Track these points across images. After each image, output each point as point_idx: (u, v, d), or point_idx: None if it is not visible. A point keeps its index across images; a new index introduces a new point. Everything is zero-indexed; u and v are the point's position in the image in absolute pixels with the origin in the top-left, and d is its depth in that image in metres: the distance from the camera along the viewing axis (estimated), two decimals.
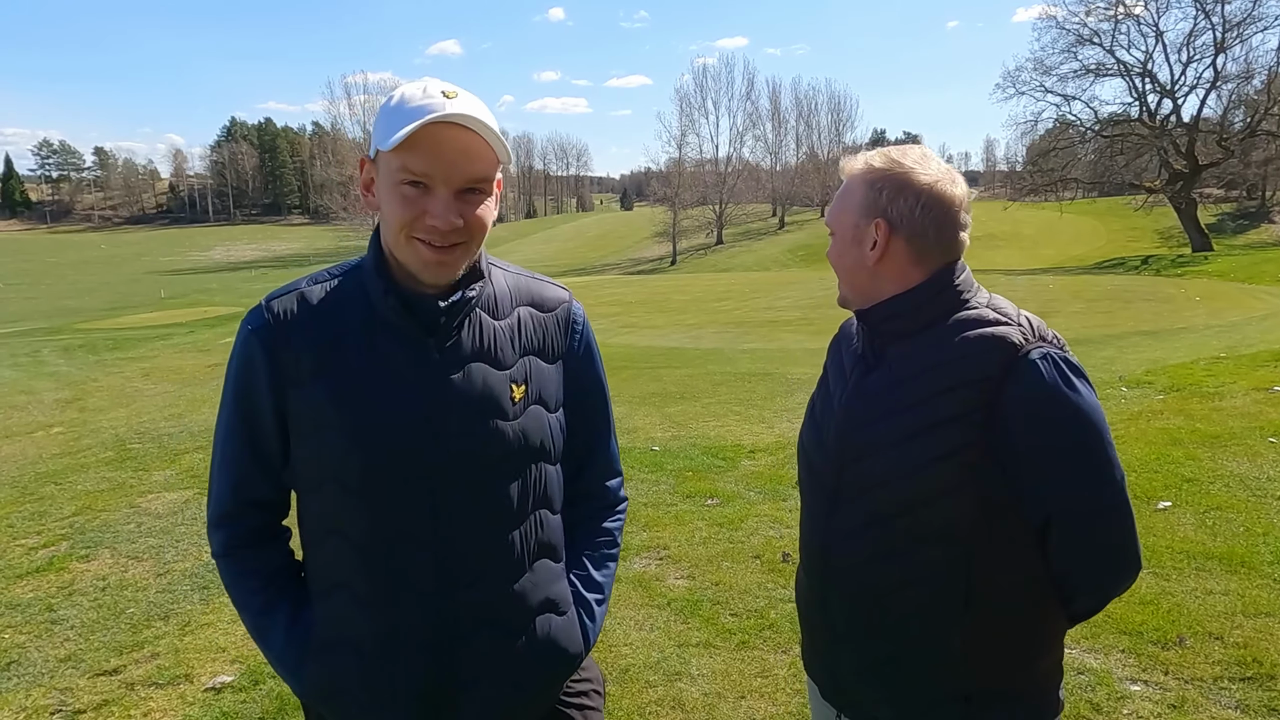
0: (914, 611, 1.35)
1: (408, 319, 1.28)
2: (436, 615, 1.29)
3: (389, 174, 1.23)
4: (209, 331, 20.47)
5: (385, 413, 1.26)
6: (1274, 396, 7.03)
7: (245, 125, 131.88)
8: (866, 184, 1.37)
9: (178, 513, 5.38)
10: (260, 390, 1.29)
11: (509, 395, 1.32)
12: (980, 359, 1.27)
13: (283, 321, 1.29)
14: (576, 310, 1.46)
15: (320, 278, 1.35)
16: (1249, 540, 4.15)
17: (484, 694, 1.32)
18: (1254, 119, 35.87)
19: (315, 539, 1.33)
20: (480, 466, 1.29)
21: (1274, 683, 2.93)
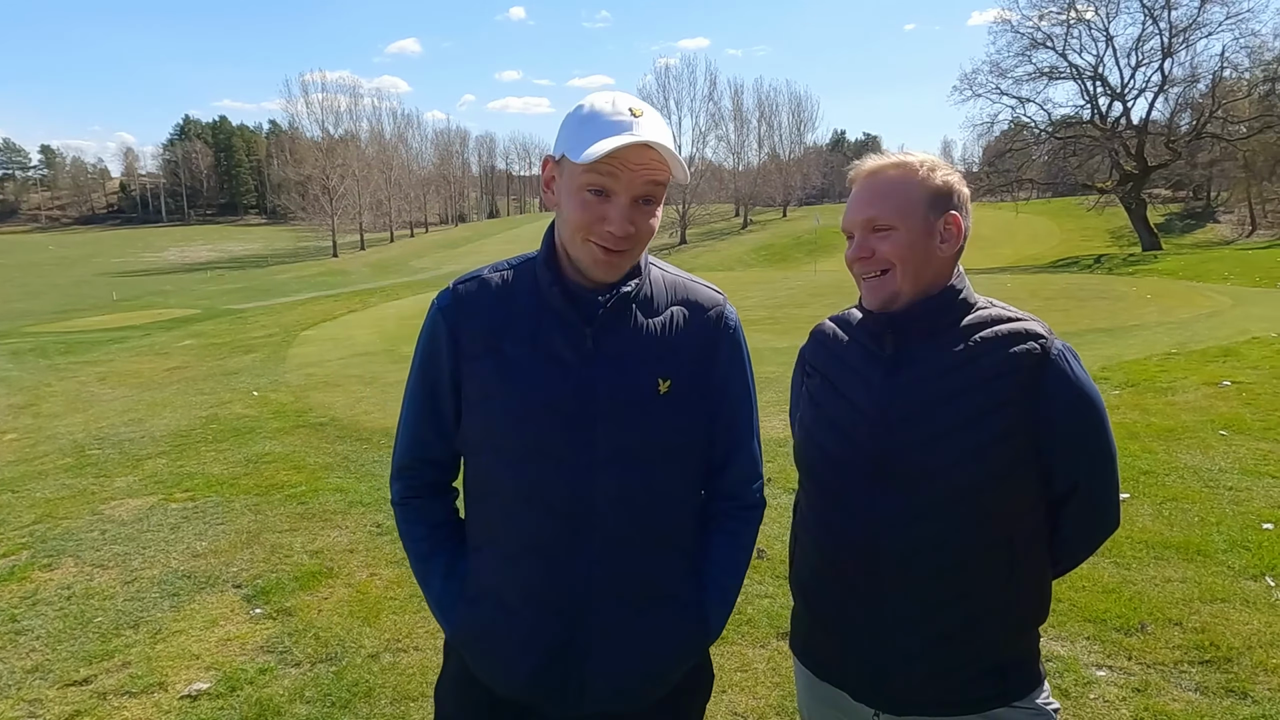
0: (967, 591, 1.43)
1: (570, 309, 1.40)
2: (570, 581, 1.40)
3: (574, 179, 1.34)
4: (165, 334, 20.03)
5: (541, 392, 1.38)
6: (1223, 391, 7.28)
7: (199, 124, 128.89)
8: (928, 181, 1.44)
9: (143, 519, 5.28)
10: (441, 361, 1.45)
11: (655, 387, 1.40)
12: (1017, 350, 1.40)
13: (464, 301, 1.44)
14: (729, 313, 1.52)
15: (500, 266, 1.49)
16: (1204, 530, 4.31)
17: (609, 663, 1.42)
18: (1199, 122, 36.92)
19: (474, 498, 1.47)
20: (620, 451, 1.38)
21: (1231, 665, 3.06)
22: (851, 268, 1.50)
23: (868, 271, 1.46)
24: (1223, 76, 35.80)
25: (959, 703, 1.45)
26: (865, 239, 1.45)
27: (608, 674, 1.41)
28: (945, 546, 1.42)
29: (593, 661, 1.41)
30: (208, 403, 9.35)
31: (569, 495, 1.37)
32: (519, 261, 1.49)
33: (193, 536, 4.93)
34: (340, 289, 35.39)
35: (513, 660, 1.42)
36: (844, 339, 1.58)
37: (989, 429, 1.39)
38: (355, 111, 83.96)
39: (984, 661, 1.45)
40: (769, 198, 75.08)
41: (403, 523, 1.54)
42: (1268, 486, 4.90)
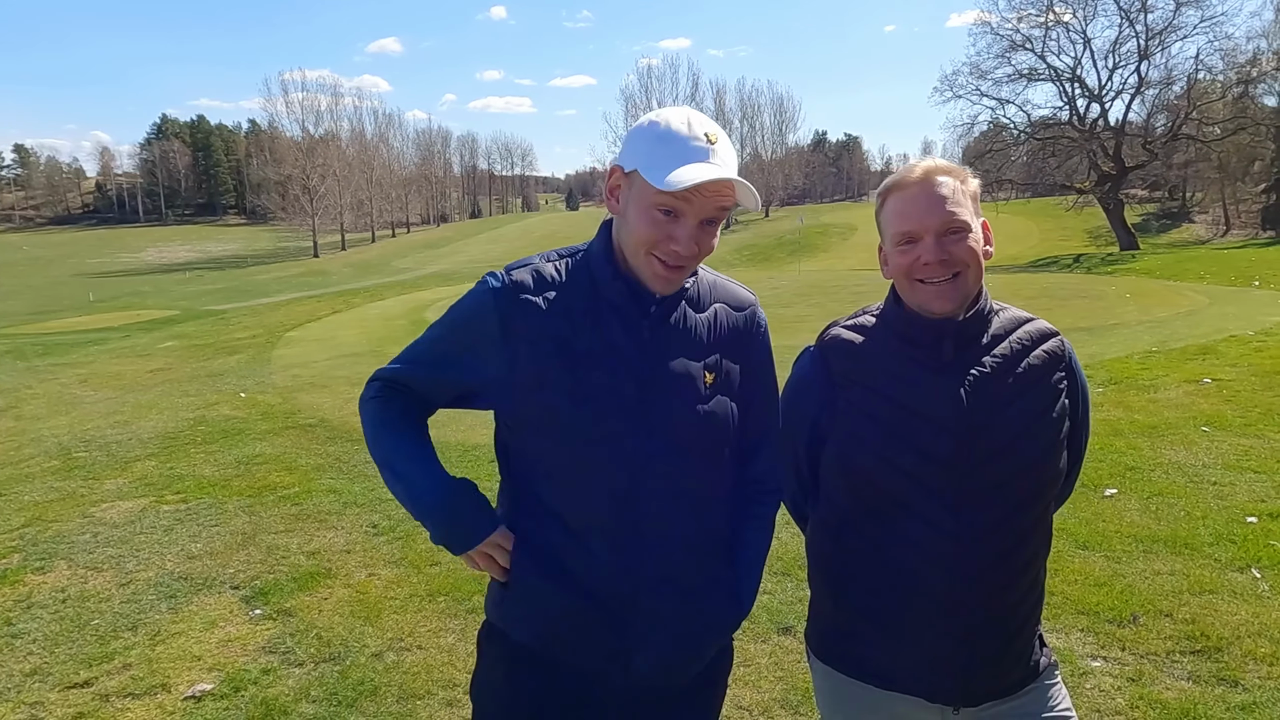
0: (1036, 578, 1.53)
1: (630, 302, 1.46)
2: (624, 559, 1.45)
3: (645, 197, 1.39)
4: (146, 335, 19.81)
5: (603, 379, 1.43)
6: (1204, 389, 7.42)
7: (177, 123, 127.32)
8: (970, 186, 1.49)
9: (135, 522, 5.24)
10: (483, 341, 1.46)
11: (702, 380, 1.48)
12: (1049, 346, 1.52)
13: (519, 288, 1.46)
14: (760, 314, 1.62)
15: (551, 257, 1.53)
16: (1190, 524, 4.40)
17: (657, 639, 1.48)
18: (1175, 123, 37.46)
19: (532, 477, 1.50)
20: (673, 436, 1.45)
21: (1221, 655, 3.13)
22: (910, 273, 1.46)
23: (940, 275, 1.44)
24: (1197, 79, 36.35)
25: (1022, 679, 1.54)
26: (940, 243, 1.44)
27: (656, 650, 1.48)
28: (1025, 542, 1.49)
29: (643, 636, 1.47)
30: (194, 404, 9.28)
31: (625, 479, 1.43)
32: (569, 253, 1.53)
33: (187, 539, 4.91)
34: (322, 289, 35.13)
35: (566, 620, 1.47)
36: (874, 346, 1.55)
37: (1054, 422, 1.49)
38: (336, 111, 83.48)
39: (1037, 634, 1.57)
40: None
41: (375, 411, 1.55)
42: (1250, 481, 5.01)
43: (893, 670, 1.54)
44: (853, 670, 1.59)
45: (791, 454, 1.69)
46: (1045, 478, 1.50)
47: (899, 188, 1.49)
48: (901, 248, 1.47)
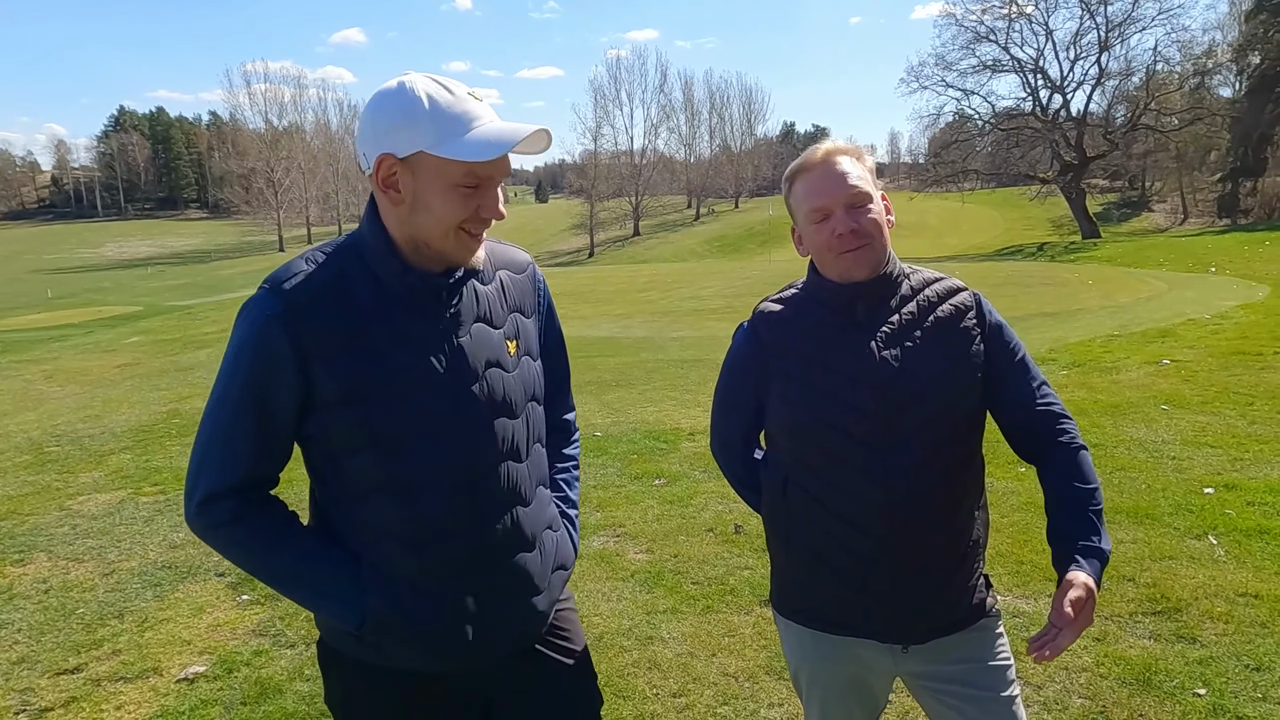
0: (970, 514, 1.63)
1: (424, 294, 1.39)
2: (471, 548, 1.44)
3: (443, 175, 1.31)
4: (109, 332, 19.47)
5: (414, 377, 1.37)
6: (1163, 370, 7.67)
7: (135, 115, 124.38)
8: (867, 161, 1.61)
9: (114, 513, 5.22)
10: (282, 374, 1.32)
11: (506, 350, 1.48)
12: (958, 299, 1.64)
13: (300, 302, 1.32)
14: (538, 271, 1.64)
15: (315, 257, 1.39)
16: (1150, 496, 4.58)
17: (514, 609, 1.50)
18: (1134, 114, 38.31)
19: (355, 496, 1.40)
20: (493, 414, 1.44)
21: (1180, 615, 3.30)
22: (829, 247, 1.57)
23: (852, 245, 1.56)
24: (1155, 70, 37.21)
25: (968, 616, 1.64)
26: (850, 213, 1.56)
27: (512, 618, 1.49)
28: (955, 479, 1.60)
29: (499, 613, 1.47)
30: (166, 398, 9.18)
31: (460, 471, 1.40)
32: (332, 249, 1.41)
33: (168, 529, 4.90)
34: None
35: (429, 637, 1.42)
36: (799, 315, 1.67)
37: (968, 367, 1.60)
38: (300, 102, 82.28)
39: (979, 576, 1.67)
40: (721, 189, 75.62)
41: (241, 536, 1.39)
42: (1207, 455, 5.22)
43: (842, 616, 1.66)
44: (809, 621, 1.72)
45: (736, 424, 1.80)
46: (962, 419, 1.60)
47: (805, 169, 1.62)
48: (816, 225, 1.59)
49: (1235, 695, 2.77)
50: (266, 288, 1.34)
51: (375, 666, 1.45)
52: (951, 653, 1.65)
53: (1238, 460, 5.09)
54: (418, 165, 1.31)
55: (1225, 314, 10.90)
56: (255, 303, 1.34)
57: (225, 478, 1.36)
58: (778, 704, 2.89)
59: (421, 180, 1.32)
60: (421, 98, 1.29)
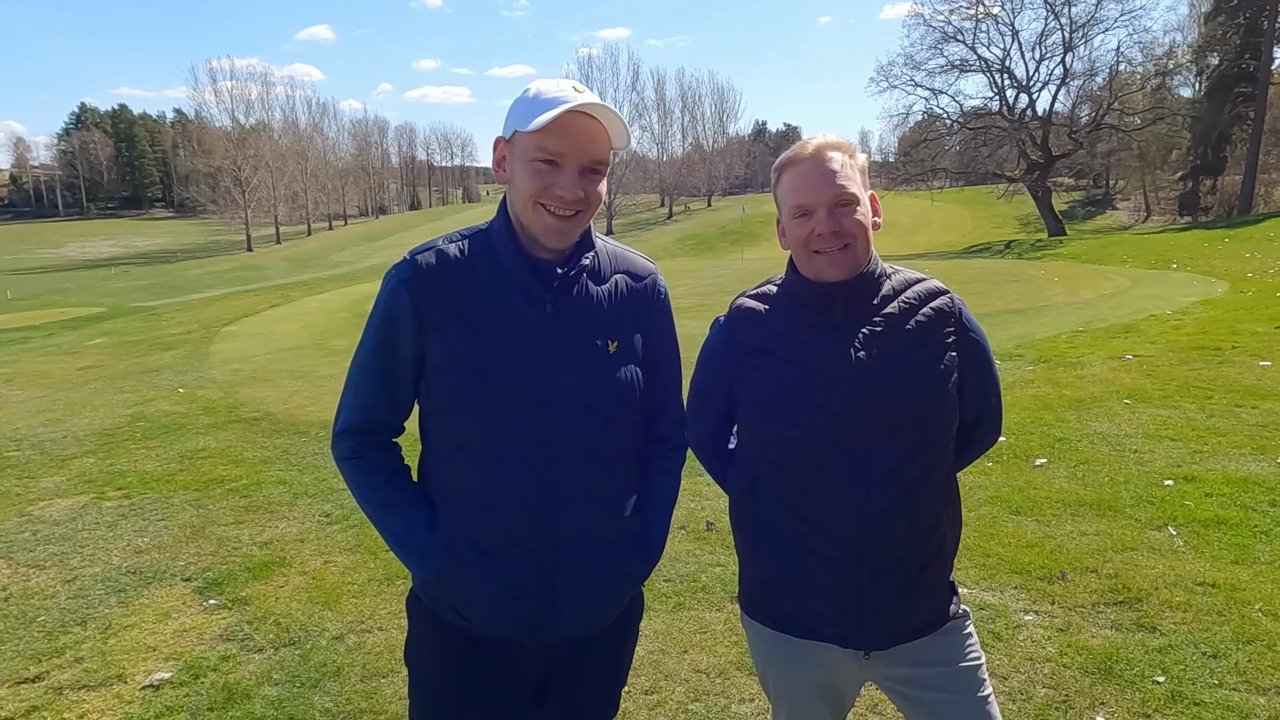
0: (935, 521, 1.62)
1: (532, 278, 1.52)
2: (542, 524, 1.52)
3: (524, 152, 1.46)
4: (72, 334, 19.07)
5: (509, 355, 1.49)
6: (1126, 364, 7.82)
7: (97, 112, 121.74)
8: (859, 164, 1.60)
9: (76, 519, 5.12)
10: (404, 331, 1.51)
11: (606, 348, 1.56)
12: (938, 303, 1.62)
13: (426, 273, 1.51)
14: (661, 282, 1.70)
15: (453, 238, 1.57)
16: (1113, 488, 4.68)
17: (579, 595, 1.57)
18: (1098, 113, 38.93)
19: (445, 453, 1.55)
20: (581, 405, 1.52)
21: (1141, 604, 3.37)
22: (806, 244, 1.57)
23: (832, 245, 1.55)
24: (1118, 70, 37.81)
25: (931, 623, 1.64)
26: (833, 213, 1.54)
27: (576, 605, 1.57)
28: (922, 487, 1.59)
29: (564, 595, 1.55)
30: (130, 400, 9.02)
31: (540, 446, 1.50)
32: (471, 233, 1.58)
33: (132, 533, 4.82)
34: (258, 284, 34.23)
35: (491, 599, 1.53)
36: (775, 313, 1.65)
37: (941, 374, 1.59)
38: (267, 100, 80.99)
39: (944, 582, 1.66)
40: (694, 188, 75.64)
41: (357, 473, 1.60)
42: (1168, 448, 5.33)
43: (806, 619, 1.65)
44: (775, 623, 1.70)
45: (711, 420, 1.78)
46: (933, 427, 1.59)
47: (793, 163, 1.60)
48: (797, 220, 1.58)
49: (1193, 682, 2.83)
50: (406, 257, 1.54)
51: (446, 623, 1.58)
52: (921, 656, 1.64)
53: (1197, 453, 5.21)
54: (514, 144, 1.49)
55: (1186, 310, 11.13)
56: (394, 268, 1.54)
57: (354, 416, 1.58)
58: (748, 699, 2.91)
59: (514, 157, 1.49)
60: (532, 90, 1.48)
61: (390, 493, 1.59)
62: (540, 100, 1.45)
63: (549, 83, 1.49)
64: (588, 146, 1.46)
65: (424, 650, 1.64)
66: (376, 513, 1.59)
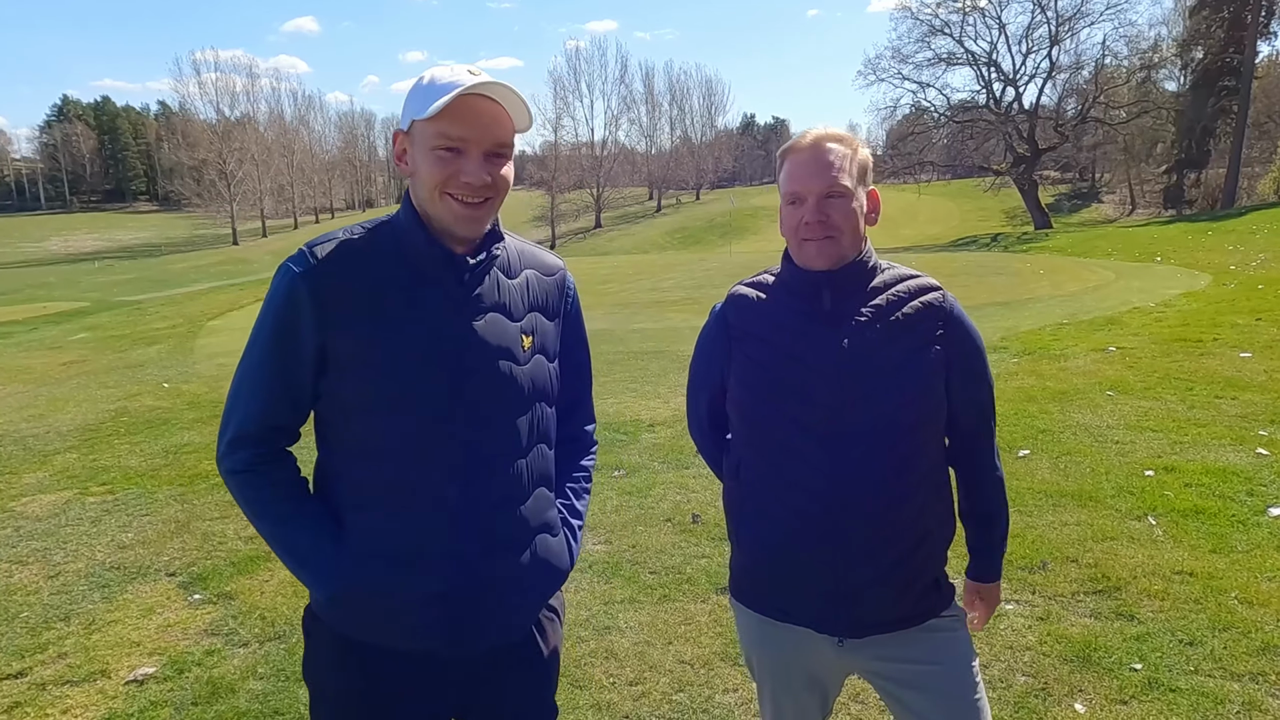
0: (915, 516, 1.62)
1: (444, 270, 1.46)
2: (458, 531, 1.45)
3: (425, 141, 1.40)
4: (55, 329, 18.93)
5: (422, 351, 1.42)
6: (1109, 356, 7.89)
7: (79, 104, 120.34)
8: (859, 155, 1.61)
9: (59, 514, 5.09)
10: (302, 327, 1.41)
11: (520, 344, 1.51)
12: (927, 298, 1.63)
13: (326, 265, 1.42)
14: (569, 278, 1.67)
15: (355, 230, 1.49)
16: (1094, 479, 4.73)
17: (496, 602, 1.50)
18: (1084, 107, 39.18)
19: (352, 460, 1.46)
20: (496, 402, 1.48)
21: (1120, 593, 3.41)
22: (796, 231, 1.60)
23: (817, 235, 1.58)
24: (1104, 64, 38.04)
25: (910, 616, 1.65)
26: (820, 204, 1.56)
27: (499, 612, 1.51)
28: (899, 478, 1.60)
29: (481, 603, 1.48)
30: (114, 396, 8.96)
31: (457, 449, 1.43)
32: (374, 224, 1.50)
33: (116, 529, 4.80)
34: (244, 278, 34.02)
35: (404, 614, 1.45)
36: (769, 300, 1.69)
37: (928, 368, 1.60)
38: (252, 93, 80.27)
39: (926, 577, 1.66)
40: (682, 181, 75.65)
41: (250, 489, 1.47)
42: (1149, 439, 5.39)
43: (785, 603, 1.68)
44: (758, 606, 1.74)
45: (705, 405, 1.82)
46: (916, 419, 1.60)
47: (793, 151, 1.63)
48: (790, 207, 1.61)
49: (1169, 669, 2.87)
50: (303, 248, 1.45)
51: (352, 640, 1.48)
52: (904, 652, 1.65)
53: (1177, 443, 5.27)
54: (413, 135, 1.43)
55: (1169, 302, 11.23)
56: (289, 260, 1.44)
57: (248, 423, 1.46)
58: (732, 689, 2.93)
59: (415, 148, 1.43)
60: (424, 78, 1.42)
61: (292, 506, 1.47)
62: (436, 87, 1.39)
63: (443, 69, 1.42)
64: (490, 129, 1.40)
65: (328, 669, 1.53)
66: (275, 529, 1.46)
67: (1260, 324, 8.96)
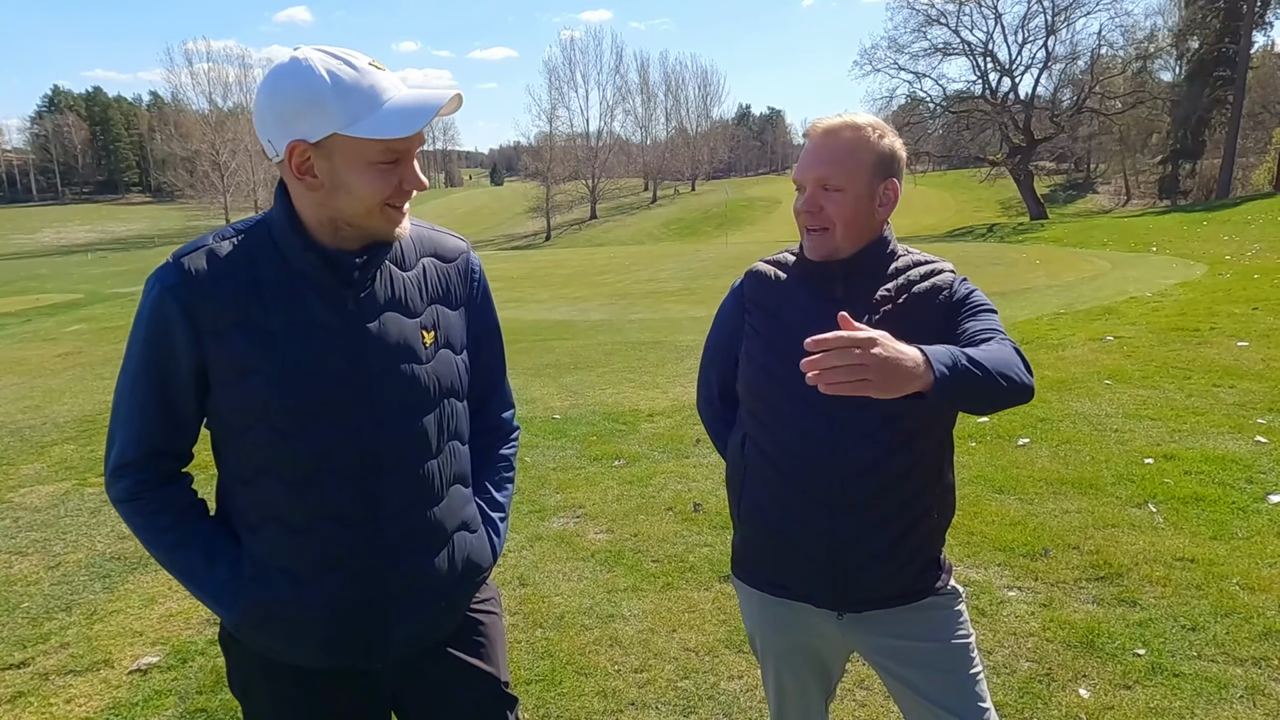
0: (914, 494, 1.63)
1: (326, 273, 1.35)
2: (365, 541, 1.39)
3: (359, 156, 1.27)
4: (48, 320, 18.84)
5: (309, 359, 1.33)
6: (1107, 346, 7.91)
7: (71, 95, 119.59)
8: (878, 146, 1.58)
9: (58, 505, 5.07)
10: (176, 345, 1.33)
11: (421, 341, 1.43)
12: (937, 279, 1.64)
13: (197, 276, 1.32)
14: (474, 260, 1.56)
15: (226, 234, 1.38)
16: (1094, 467, 4.74)
17: (413, 609, 1.45)
18: (1080, 97, 39.18)
19: (245, 477, 1.39)
20: (399, 406, 1.40)
21: (1121, 580, 3.42)
22: (799, 217, 1.62)
23: (812, 225, 1.60)
24: (1100, 54, 38.01)
25: (909, 593, 1.66)
26: (815, 194, 1.58)
27: (413, 618, 1.45)
28: (897, 456, 1.60)
29: (397, 611, 1.43)
30: (110, 387, 8.84)
31: (356, 459, 1.37)
32: (245, 227, 1.39)
33: (116, 519, 4.77)
34: None
35: (315, 631, 1.40)
36: (785, 279, 1.70)
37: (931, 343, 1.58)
38: (245, 83, 79.65)
39: (924, 555, 1.68)
40: (677, 172, 75.46)
41: (140, 516, 1.40)
42: (1148, 427, 5.41)
43: (782, 577, 1.71)
44: (758, 583, 1.76)
45: (717, 379, 1.83)
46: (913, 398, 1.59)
47: (809, 135, 1.64)
48: (797, 192, 1.63)
49: (1172, 654, 2.89)
50: (169, 260, 1.34)
51: (269, 659, 1.43)
52: (903, 630, 1.66)
53: (1176, 431, 5.29)
54: (332, 148, 1.26)
55: (1165, 292, 11.26)
56: (156, 274, 1.34)
57: (128, 449, 1.38)
58: (737, 676, 2.94)
59: (338, 162, 1.27)
60: (323, 75, 1.24)
61: (183, 531, 1.40)
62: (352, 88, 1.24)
63: (329, 62, 1.25)
64: (421, 131, 1.30)
65: (252, 685, 1.49)
66: (167, 555, 1.39)
67: (1257, 313, 8.99)
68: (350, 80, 1.25)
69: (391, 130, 1.24)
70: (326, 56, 1.26)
